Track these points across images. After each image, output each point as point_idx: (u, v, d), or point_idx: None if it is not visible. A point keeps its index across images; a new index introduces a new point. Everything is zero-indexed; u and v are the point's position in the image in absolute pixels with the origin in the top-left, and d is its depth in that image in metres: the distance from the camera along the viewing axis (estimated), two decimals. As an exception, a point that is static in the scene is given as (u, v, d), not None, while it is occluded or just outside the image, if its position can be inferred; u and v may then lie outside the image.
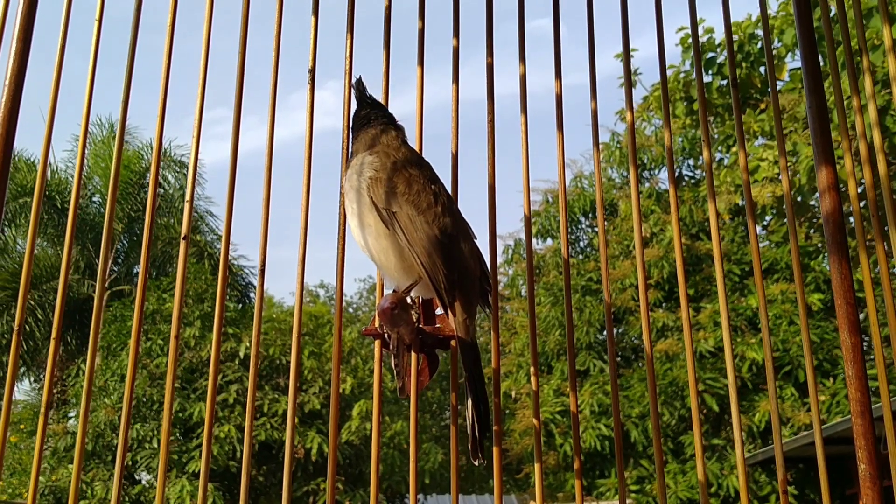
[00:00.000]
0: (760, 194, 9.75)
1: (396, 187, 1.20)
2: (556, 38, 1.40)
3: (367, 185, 1.21)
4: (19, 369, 11.73)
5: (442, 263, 1.15)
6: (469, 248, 1.23)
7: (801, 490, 11.60)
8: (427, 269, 1.15)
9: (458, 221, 1.23)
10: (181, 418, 11.56)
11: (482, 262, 1.25)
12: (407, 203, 1.18)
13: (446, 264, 1.16)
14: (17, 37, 1.11)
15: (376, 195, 1.20)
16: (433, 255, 1.15)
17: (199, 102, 1.22)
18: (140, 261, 1.20)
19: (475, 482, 18.63)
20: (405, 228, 1.17)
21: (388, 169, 1.22)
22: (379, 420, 1.20)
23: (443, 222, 1.18)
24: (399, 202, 1.19)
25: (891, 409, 0.97)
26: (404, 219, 1.17)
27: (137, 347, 1.17)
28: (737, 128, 1.35)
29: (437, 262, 1.15)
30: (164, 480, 1.09)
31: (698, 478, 1.09)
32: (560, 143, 1.34)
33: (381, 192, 1.20)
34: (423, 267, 1.15)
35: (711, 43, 9.54)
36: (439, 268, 1.15)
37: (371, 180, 1.21)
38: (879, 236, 1.14)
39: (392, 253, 1.19)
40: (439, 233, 1.17)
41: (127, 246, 16.00)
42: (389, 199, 1.19)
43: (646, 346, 1.23)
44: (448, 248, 1.17)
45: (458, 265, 1.18)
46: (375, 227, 1.20)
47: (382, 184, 1.20)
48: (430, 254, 1.15)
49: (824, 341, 11.75)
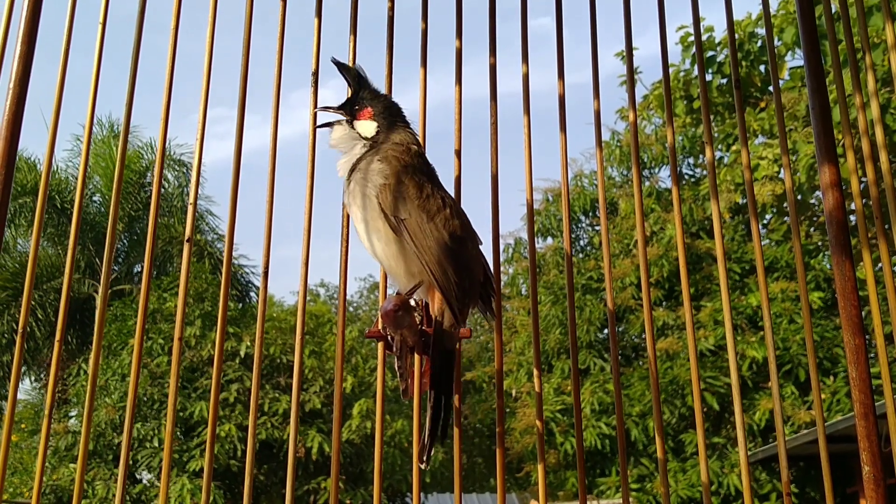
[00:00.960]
0: (760, 193, 9.75)
1: (405, 193, 1.20)
2: (559, 39, 1.40)
3: (377, 193, 1.20)
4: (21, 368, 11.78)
5: (454, 272, 1.15)
6: (474, 253, 1.23)
7: (802, 488, 11.60)
8: (438, 280, 1.15)
9: (464, 225, 1.23)
10: (182, 417, 11.56)
11: (486, 265, 1.25)
12: (416, 209, 1.18)
13: (457, 273, 1.16)
14: (22, 40, 1.12)
15: (385, 202, 1.19)
16: (444, 263, 1.15)
17: (203, 105, 1.22)
18: (141, 259, 1.21)
19: (476, 481, 18.64)
20: (414, 235, 1.17)
21: (397, 174, 1.21)
22: (382, 421, 1.21)
23: (451, 226, 1.18)
24: (408, 208, 1.18)
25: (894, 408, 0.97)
26: (413, 225, 1.17)
27: (141, 348, 1.17)
28: (739, 127, 1.35)
29: (449, 272, 1.15)
30: (168, 480, 1.09)
31: (701, 479, 1.09)
32: (563, 143, 1.34)
33: (390, 198, 1.19)
34: (434, 276, 1.15)
35: (711, 42, 9.54)
36: (451, 277, 1.15)
37: (381, 188, 1.20)
38: (882, 234, 1.14)
39: (401, 258, 1.19)
40: (448, 238, 1.17)
41: (127, 245, 15.99)
42: (398, 205, 1.19)
43: (648, 344, 1.24)
44: (457, 255, 1.17)
45: (466, 273, 1.18)
46: (385, 233, 1.20)
47: (391, 190, 1.20)
48: (441, 262, 1.15)
49: (824, 339, 11.74)
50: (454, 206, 1.24)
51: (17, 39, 1.16)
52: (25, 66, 1.12)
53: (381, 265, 1.24)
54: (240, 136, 1.27)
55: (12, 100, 1.11)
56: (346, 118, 1.30)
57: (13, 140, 1.08)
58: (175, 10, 1.30)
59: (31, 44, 1.15)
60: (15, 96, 1.10)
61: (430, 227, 1.17)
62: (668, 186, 14.80)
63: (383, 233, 1.20)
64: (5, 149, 1.13)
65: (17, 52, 1.14)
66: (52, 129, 1.19)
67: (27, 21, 1.14)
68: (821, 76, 1.28)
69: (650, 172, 14.76)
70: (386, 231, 1.20)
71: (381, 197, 1.20)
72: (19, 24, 1.17)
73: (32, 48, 1.15)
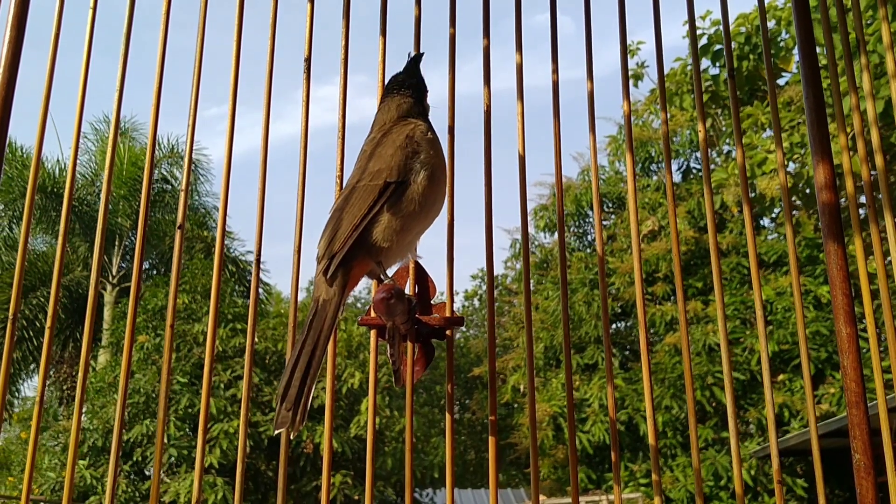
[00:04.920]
0: (769, 186, 9.70)
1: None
2: (553, 31, 1.40)
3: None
4: (28, 365, 11.75)
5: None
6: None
7: (811, 482, 11.57)
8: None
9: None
10: (191, 414, 11.60)
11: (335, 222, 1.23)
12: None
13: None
14: (12, 24, 1.12)
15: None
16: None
17: (195, 92, 1.22)
18: (150, 256, 1.21)
19: (484, 475, 18.65)
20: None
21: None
22: (374, 410, 1.20)
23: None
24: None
25: (885, 402, 0.97)
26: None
27: (131, 346, 1.17)
28: (734, 123, 1.34)
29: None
30: (158, 476, 1.09)
31: (696, 477, 1.09)
32: (556, 132, 1.34)
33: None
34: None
35: (719, 35, 9.50)
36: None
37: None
38: (874, 222, 1.13)
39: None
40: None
41: (134, 242, 16.06)
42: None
43: (641, 342, 1.23)
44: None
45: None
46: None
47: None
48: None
49: (833, 333, 11.70)
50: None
51: (6, 25, 1.16)
52: (14, 52, 1.12)
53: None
54: (231, 133, 1.27)
55: (1, 85, 1.11)
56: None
57: (1, 128, 1.08)
58: (165, 8, 1.30)
59: (21, 28, 1.15)
60: (3, 83, 1.10)
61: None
62: (676, 181, 14.76)
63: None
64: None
65: (5, 37, 1.14)
66: (41, 126, 1.19)
67: (16, 7, 1.14)
68: (815, 67, 1.27)
69: (657, 167, 14.73)
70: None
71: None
72: (8, 10, 1.17)
73: (22, 34, 1.15)
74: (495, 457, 1.18)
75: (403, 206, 1.18)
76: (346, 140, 1.36)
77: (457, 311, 1.26)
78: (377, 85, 1.39)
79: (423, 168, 1.21)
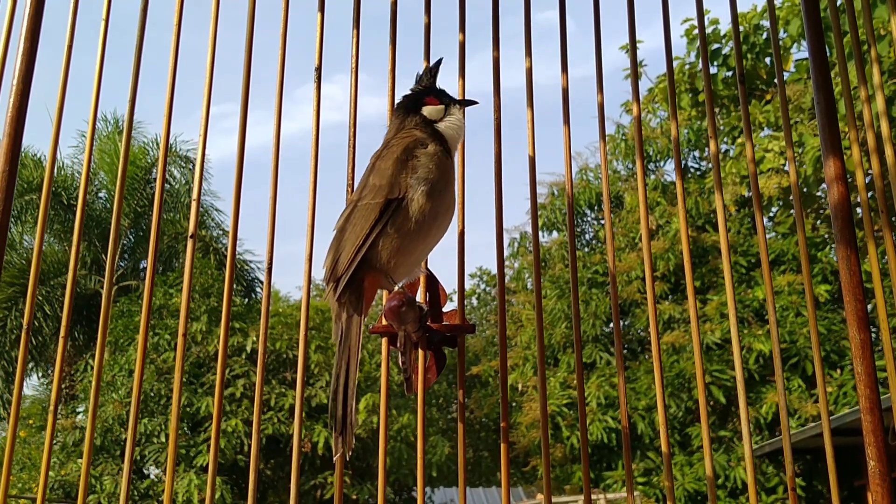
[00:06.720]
0: (766, 185, 9.71)
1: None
2: (563, 30, 1.39)
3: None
4: (27, 364, 11.75)
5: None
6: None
7: (809, 481, 11.61)
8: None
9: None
10: (189, 413, 11.59)
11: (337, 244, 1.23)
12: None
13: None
14: (25, 36, 1.12)
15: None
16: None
17: (206, 100, 1.22)
18: (147, 256, 1.21)
19: (482, 475, 18.65)
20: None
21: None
22: (386, 416, 1.21)
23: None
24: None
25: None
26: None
27: (145, 344, 1.17)
28: (744, 120, 1.35)
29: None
30: (173, 475, 1.09)
31: (706, 472, 1.09)
32: (566, 136, 1.34)
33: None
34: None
35: (717, 34, 9.50)
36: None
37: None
38: (888, 227, 1.13)
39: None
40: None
41: (133, 241, 16.03)
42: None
43: (653, 337, 1.23)
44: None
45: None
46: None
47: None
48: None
49: (831, 332, 11.73)
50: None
51: (20, 36, 1.16)
52: (29, 62, 1.12)
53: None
54: (242, 133, 1.27)
55: (16, 96, 1.11)
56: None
57: (17, 137, 1.08)
58: (178, 6, 1.30)
59: (35, 40, 1.15)
60: (18, 93, 1.10)
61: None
62: (674, 180, 14.78)
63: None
64: (9, 145, 1.13)
65: (20, 48, 1.14)
66: (55, 129, 1.19)
67: (30, 18, 1.14)
68: (825, 69, 1.27)
69: (655, 166, 14.74)
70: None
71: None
72: (22, 21, 1.17)
73: (35, 45, 1.15)
74: (506, 461, 1.18)
75: (404, 225, 1.17)
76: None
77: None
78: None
79: (421, 184, 1.18)
